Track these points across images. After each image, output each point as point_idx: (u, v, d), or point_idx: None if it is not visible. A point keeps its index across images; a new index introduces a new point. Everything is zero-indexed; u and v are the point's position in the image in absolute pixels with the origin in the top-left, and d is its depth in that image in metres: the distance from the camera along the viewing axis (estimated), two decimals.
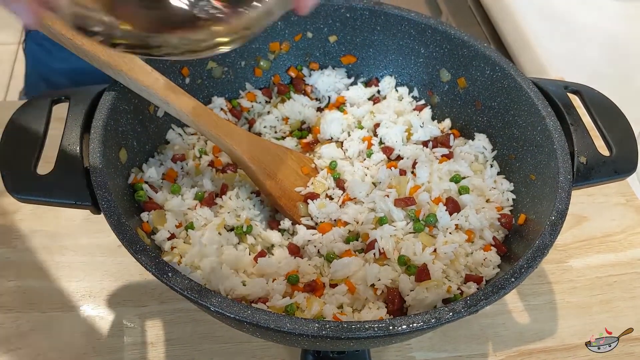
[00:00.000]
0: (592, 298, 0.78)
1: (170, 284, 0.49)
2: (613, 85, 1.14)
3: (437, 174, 0.67)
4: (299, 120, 0.79)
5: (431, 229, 0.64)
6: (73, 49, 0.59)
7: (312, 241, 0.66)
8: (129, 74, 0.60)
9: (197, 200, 0.67)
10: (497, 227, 0.66)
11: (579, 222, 0.86)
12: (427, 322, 0.46)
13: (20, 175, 0.56)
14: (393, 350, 0.72)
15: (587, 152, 0.62)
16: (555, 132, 0.63)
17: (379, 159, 0.72)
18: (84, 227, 0.81)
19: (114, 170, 0.61)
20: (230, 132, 0.67)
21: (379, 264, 0.62)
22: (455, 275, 0.61)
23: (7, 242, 0.79)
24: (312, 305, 0.58)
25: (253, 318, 0.47)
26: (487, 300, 0.49)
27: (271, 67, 0.81)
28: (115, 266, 0.78)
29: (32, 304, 0.74)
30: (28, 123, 0.60)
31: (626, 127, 0.65)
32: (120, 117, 0.64)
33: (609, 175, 0.62)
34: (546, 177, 0.62)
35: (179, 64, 0.72)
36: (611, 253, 0.83)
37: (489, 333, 0.74)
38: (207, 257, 0.61)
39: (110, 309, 0.74)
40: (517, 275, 0.51)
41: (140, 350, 0.71)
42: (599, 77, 1.15)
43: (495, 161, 0.72)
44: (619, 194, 0.90)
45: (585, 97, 0.68)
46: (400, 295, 0.59)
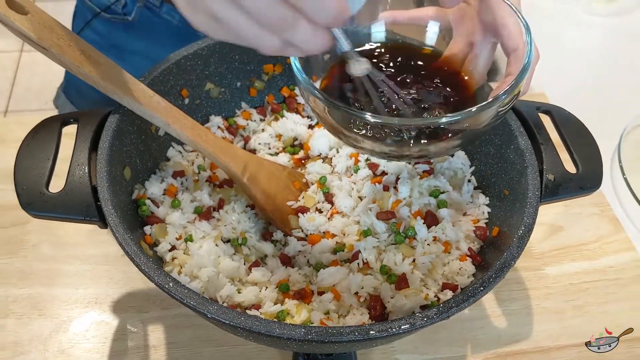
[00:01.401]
0: (565, 303, 0.83)
1: (171, 294, 0.54)
2: (594, 99, 1.19)
3: (417, 189, 0.72)
4: (291, 137, 0.83)
5: (411, 241, 0.69)
6: (80, 76, 0.62)
7: (302, 252, 0.71)
8: (133, 99, 0.64)
9: (196, 214, 0.71)
10: (473, 238, 0.70)
11: (556, 231, 0.91)
12: (401, 328, 0.51)
13: (34, 194, 0.60)
14: (378, 352, 0.76)
15: (555, 169, 0.66)
16: (527, 151, 0.67)
17: (365, 174, 0.76)
18: (90, 238, 0.86)
19: (119, 187, 0.65)
20: (226, 150, 0.71)
21: (363, 273, 0.66)
22: (432, 284, 0.65)
23: (18, 252, 0.84)
24: (301, 312, 0.63)
25: (246, 324, 0.52)
26: (458, 307, 0.54)
27: (265, 87, 0.85)
28: (119, 274, 0.82)
29: (42, 310, 0.79)
30: (40, 144, 0.64)
31: (592, 145, 0.69)
32: (125, 138, 0.68)
33: (575, 192, 0.66)
34: (517, 192, 0.67)
35: (178, 86, 0.77)
36: (585, 261, 0.88)
37: (468, 336, 0.79)
38: (205, 268, 0.65)
39: (114, 314, 0.79)
40: (486, 284, 0.56)
41: (143, 353, 0.75)
42: (580, 91, 1.20)
43: (473, 176, 0.76)
44: (593, 205, 0.94)
45: (555, 117, 0.72)
46: (382, 302, 0.63)
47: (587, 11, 1.38)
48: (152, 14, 1.00)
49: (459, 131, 0.50)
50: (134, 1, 0.99)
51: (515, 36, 0.53)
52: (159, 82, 0.73)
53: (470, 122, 0.50)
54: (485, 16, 0.55)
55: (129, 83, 0.65)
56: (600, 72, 1.25)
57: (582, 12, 1.38)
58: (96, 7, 1.02)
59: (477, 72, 0.57)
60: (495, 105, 0.48)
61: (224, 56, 0.79)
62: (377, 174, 0.77)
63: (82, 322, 0.78)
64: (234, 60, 0.81)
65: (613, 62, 1.27)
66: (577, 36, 1.33)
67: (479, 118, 0.49)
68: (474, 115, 0.48)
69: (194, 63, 0.77)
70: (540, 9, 1.36)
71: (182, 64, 0.75)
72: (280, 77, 0.86)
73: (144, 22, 1.02)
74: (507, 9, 0.53)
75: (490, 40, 0.56)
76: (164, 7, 0.99)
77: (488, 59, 0.57)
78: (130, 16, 1.01)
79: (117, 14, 1.02)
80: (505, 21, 0.53)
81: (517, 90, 0.49)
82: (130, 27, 1.02)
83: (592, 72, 1.25)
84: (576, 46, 1.30)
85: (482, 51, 0.57)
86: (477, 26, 0.56)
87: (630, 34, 1.34)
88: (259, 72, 0.84)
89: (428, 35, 0.61)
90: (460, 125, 0.49)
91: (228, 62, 0.81)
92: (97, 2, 1.02)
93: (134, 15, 1.01)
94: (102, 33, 1.04)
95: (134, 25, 1.02)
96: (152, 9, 1.00)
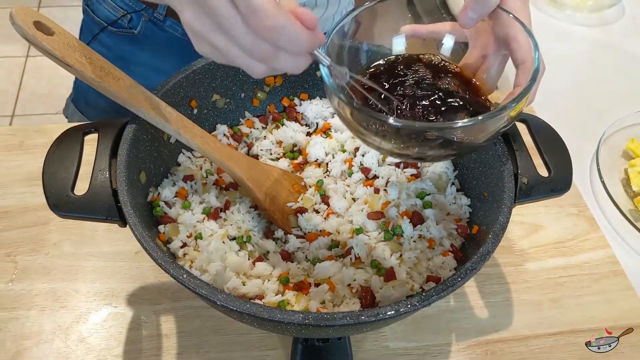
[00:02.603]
0: (543, 296, 0.89)
1: (185, 284, 0.60)
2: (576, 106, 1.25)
3: (405, 191, 0.79)
4: (291, 144, 0.89)
5: (399, 238, 0.75)
6: (100, 89, 0.67)
7: (301, 248, 0.77)
8: (147, 110, 0.69)
9: (205, 214, 0.77)
10: (455, 236, 0.77)
11: (536, 230, 0.97)
12: (387, 314, 0.58)
13: (61, 197, 0.66)
14: (371, 339, 0.83)
15: (529, 173, 0.71)
16: (503, 157, 0.73)
17: (358, 178, 0.83)
18: (105, 237, 0.91)
19: (136, 190, 0.71)
20: (231, 156, 0.77)
21: (355, 267, 0.73)
22: (418, 276, 0.72)
23: (40, 249, 0.90)
24: (300, 301, 0.69)
25: (251, 310, 0.57)
26: (438, 296, 0.60)
27: (267, 98, 0.91)
28: (133, 270, 0.88)
29: (63, 302, 0.84)
30: (65, 152, 0.70)
31: (564, 151, 0.75)
32: (140, 145, 0.73)
33: (546, 194, 0.71)
34: (495, 194, 0.73)
35: (188, 97, 0.84)
36: (563, 257, 0.94)
37: (453, 326, 0.85)
38: (213, 262, 0.71)
39: (129, 306, 0.84)
40: (463, 275, 0.62)
41: (156, 341, 0.81)
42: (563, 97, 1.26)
43: (456, 179, 0.83)
44: (572, 205, 1.01)
45: (530, 125, 0.78)
46: (372, 293, 0.69)
47: (571, 21, 1.45)
48: (157, 28, 1.04)
49: (462, 141, 0.55)
50: (139, 15, 1.03)
51: (524, 50, 0.58)
52: (170, 94, 0.78)
53: (479, 129, 0.54)
54: (499, 31, 0.60)
55: (144, 96, 0.70)
56: (583, 80, 1.31)
57: (566, 22, 1.45)
58: (103, 21, 1.06)
59: (489, 81, 0.63)
60: (507, 112, 0.52)
61: (229, 70, 0.85)
62: (369, 177, 0.84)
63: (100, 313, 0.83)
64: (238, 73, 0.87)
65: (595, 71, 1.33)
66: (561, 45, 1.39)
67: (487, 126, 0.54)
68: (486, 122, 0.52)
69: (202, 76, 0.83)
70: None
71: (191, 77, 0.81)
72: (281, 88, 0.91)
73: (149, 35, 1.06)
74: (518, 26, 0.58)
75: (502, 52, 0.62)
76: (167, 20, 1.03)
77: (499, 69, 0.63)
78: (136, 30, 1.05)
79: (123, 28, 1.05)
80: (516, 36, 0.58)
81: (526, 99, 0.54)
82: (136, 40, 1.06)
83: (575, 79, 1.31)
84: (560, 55, 1.36)
85: (494, 62, 0.63)
86: (491, 39, 0.62)
87: (612, 44, 1.40)
88: (261, 84, 0.90)
89: (444, 47, 0.66)
90: (468, 132, 0.54)
91: (233, 75, 0.87)
92: (104, 16, 1.06)
93: (140, 28, 1.05)
94: (109, 46, 1.08)
95: (140, 39, 1.06)
96: (156, 22, 1.04)
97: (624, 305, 0.89)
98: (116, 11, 1.05)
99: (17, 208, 0.95)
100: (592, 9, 1.47)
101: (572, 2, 1.46)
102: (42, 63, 2.80)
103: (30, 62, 2.91)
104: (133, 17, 1.04)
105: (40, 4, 3.18)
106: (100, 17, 1.07)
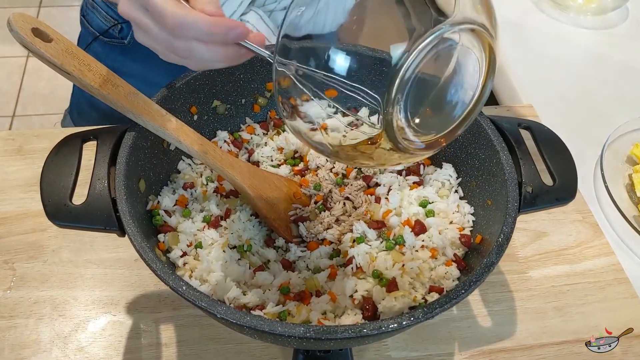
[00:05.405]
0: (547, 305, 0.88)
1: (185, 296, 0.59)
2: (580, 110, 1.24)
3: (407, 199, 0.78)
4: (292, 150, 0.88)
5: (401, 247, 0.74)
6: (100, 97, 0.67)
7: (302, 257, 0.76)
8: (147, 118, 0.68)
9: (205, 222, 0.77)
10: (458, 245, 0.76)
11: (540, 237, 0.96)
12: (389, 327, 0.57)
13: (59, 206, 0.65)
14: (372, 350, 0.82)
15: (533, 182, 0.71)
16: (507, 165, 0.73)
17: (359, 186, 0.82)
18: (104, 244, 0.90)
19: (135, 199, 0.70)
20: (232, 163, 0.76)
21: (356, 277, 0.72)
22: (420, 287, 0.71)
23: (39, 257, 0.89)
24: (301, 312, 0.68)
25: (251, 323, 0.56)
26: (442, 308, 0.60)
27: (268, 104, 0.90)
28: (133, 278, 0.87)
29: (61, 310, 0.83)
30: (63, 160, 0.69)
31: (568, 159, 0.75)
32: (139, 153, 0.73)
33: (550, 203, 0.71)
34: (499, 203, 0.72)
35: (188, 104, 0.83)
36: (567, 265, 0.93)
37: (456, 335, 0.84)
38: (213, 272, 0.70)
39: (129, 314, 0.83)
40: (467, 287, 0.62)
41: (156, 350, 0.80)
42: (567, 102, 1.25)
43: (459, 187, 0.82)
44: (576, 212, 1.00)
45: (535, 133, 0.78)
46: (374, 304, 0.69)
47: (575, 24, 1.44)
48: None
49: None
50: (129, 25, 1.04)
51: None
52: (170, 101, 0.78)
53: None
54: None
55: (143, 103, 0.69)
56: (586, 84, 1.30)
57: (570, 24, 1.44)
58: (95, 30, 1.08)
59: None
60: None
61: (229, 75, 0.85)
62: (370, 185, 0.83)
63: (99, 322, 0.83)
64: (238, 79, 0.87)
65: (599, 74, 1.32)
66: (565, 48, 1.38)
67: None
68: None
69: (202, 82, 0.82)
70: (529, 21, 1.42)
71: (191, 83, 0.81)
72: None
73: (139, 45, 1.07)
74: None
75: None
76: None
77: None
78: (126, 39, 1.06)
79: (114, 38, 1.07)
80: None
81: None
82: (127, 50, 1.08)
83: (578, 83, 1.30)
84: (564, 58, 1.35)
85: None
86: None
87: (616, 46, 1.39)
88: (262, 90, 0.90)
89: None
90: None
91: (233, 80, 0.86)
92: (96, 26, 1.08)
93: (130, 38, 1.06)
94: (101, 56, 1.07)
95: (130, 49, 1.07)
96: None
97: (628, 313, 0.88)
98: (107, 21, 1.06)
99: (15, 214, 0.94)
100: (595, 12, 1.45)
101: (575, 4, 1.45)
102: (42, 64, 2.78)
103: (30, 62, 2.91)
104: (123, 27, 1.06)
105: (40, 4, 3.18)
106: (94, 27, 1.08)
